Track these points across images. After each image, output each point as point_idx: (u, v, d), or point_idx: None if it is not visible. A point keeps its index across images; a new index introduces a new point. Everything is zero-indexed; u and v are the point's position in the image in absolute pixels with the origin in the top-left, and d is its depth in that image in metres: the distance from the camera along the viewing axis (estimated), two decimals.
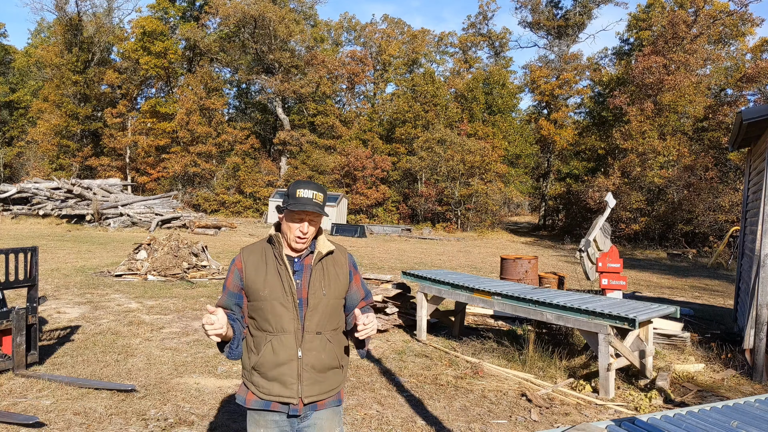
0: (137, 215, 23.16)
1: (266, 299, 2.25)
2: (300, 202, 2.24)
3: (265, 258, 2.32)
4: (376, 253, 18.38)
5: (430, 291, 6.86)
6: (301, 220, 2.26)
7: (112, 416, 4.21)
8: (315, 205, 2.24)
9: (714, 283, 14.80)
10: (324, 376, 2.30)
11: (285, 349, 2.24)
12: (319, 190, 2.30)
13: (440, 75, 44.08)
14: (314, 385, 2.27)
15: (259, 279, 2.28)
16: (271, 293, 2.25)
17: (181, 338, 6.58)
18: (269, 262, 2.30)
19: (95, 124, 37.81)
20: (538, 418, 4.54)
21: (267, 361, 2.25)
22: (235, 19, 36.31)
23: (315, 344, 2.27)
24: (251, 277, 2.29)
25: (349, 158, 34.12)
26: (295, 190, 2.27)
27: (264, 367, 2.25)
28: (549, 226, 39.10)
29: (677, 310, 5.69)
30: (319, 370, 2.28)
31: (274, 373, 2.24)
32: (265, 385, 2.26)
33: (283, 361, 2.24)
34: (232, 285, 2.32)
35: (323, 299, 2.29)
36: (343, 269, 2.40)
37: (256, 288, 2.27)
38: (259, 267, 2.30)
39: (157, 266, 10.97)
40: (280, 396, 2.25)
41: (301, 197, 2.25)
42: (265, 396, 2.26)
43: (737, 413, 2.57)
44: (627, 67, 33.62)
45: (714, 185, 24.80)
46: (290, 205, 2.25)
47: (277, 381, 2.24)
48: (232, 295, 2.32)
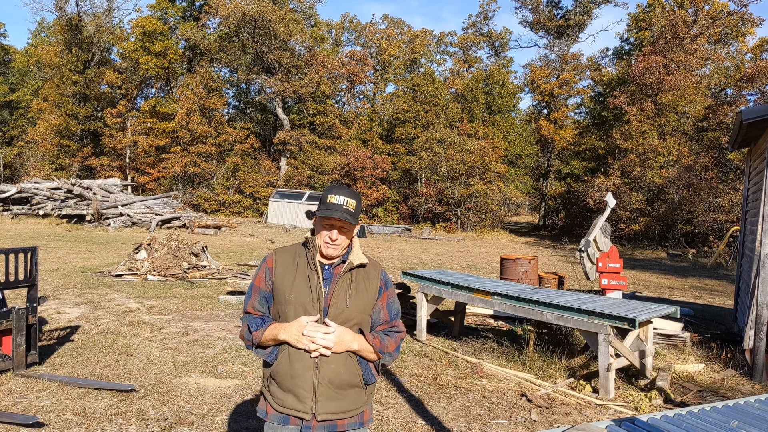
0: (137, 215, 23.16)
1: (292, 303, 2.18)
2: (329, 208, 2.17)
3: (296, 261, 2.25)
4: (376, 253, 18.38)
5: (430, 291, 6.86)
6: (330, 227, 2.19)
7: (112, 416, 4.21)
8: (344, 212, 2.15)
9: (714, 283, 14.80)
10: (343, 393, 2.15)
11: (301, 358, 2.12)
12: (351, 196, 2.20)
13: (440, 75, 44.11)
14: (330, 402, 2.13)
15: (287, 281, 2.21)
16: (297, 297, 2.18)
17: (181, 338, 6.58)
18: (300, 266, 2.23)
19: (95, 124, 37.81)
20: (538, 418, 4.54)
21: (282, 370, 2.14)
22: (235, 19, 36.31)
23: (335, 357, 2.13)
24: (280, 277, 2.23)
25: (349, 158, 34.12)
26: (327, 195, 2.20)
27: (280, 376, 2.15)
28: (549, 226, 39.11)
29: (677, 310, 5.69)
30: (338, 386, 2.14)
31: (289, 384, 2.13)
32: (280, 396, 2.16)
33: (299, 372, 2.12)
34: (263, 284, 2.26)
35: (345, 310, 2.17)
36: (373, 284, 2.26)
37: (284, 290, 2.20)
38: (289, 268, 2.23)
39: (157, 266, 10.97)
40: (294, 409, 2.13)
41: (332, 203, 2.18)
42: (280, 408, 2.16)
43: (737, 413, 2.57)
44: (627, 67, 33.63)
45: (714, 185, 24.79)
46: (320, 210, 2.19)
47: (291, 393, 2.13)
48: (263, 294, 2.25)
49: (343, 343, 2.12)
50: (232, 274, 11.43)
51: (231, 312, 8.18)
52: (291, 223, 27.87)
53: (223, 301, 8.83)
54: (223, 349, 6.15)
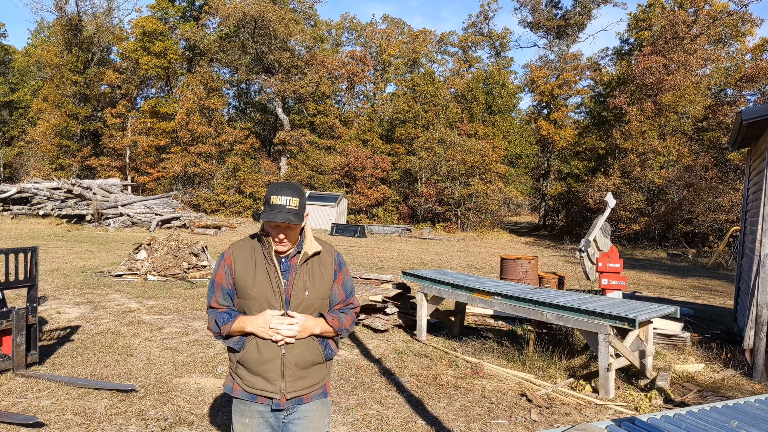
0: (137, 215, 23.16)
1: (255, 298, 2.28)
2: (274, 210, 2.21)
3: (254, 256, 2.33)
4: (376, 253, 18.37)
5: (430, 291, 6.86)
6: (276, 228, 2.25)
7: (112, 416, 4.21)
8: (287, 214, 2.20)
9: (714, 283, 14.80)
10: (307, 372, 2.34)
11: (269, 346, 2.26)
12: (294, 194, 2.25)
13: (440, 75, 44.12)
14: (297, 381, 2.31)
15: (248, 277, 2.30)
16: (260, 292, 2.28)
17: (181, 338, 6.58)
18: (258, 261, 2.31)
19: (95, 124, 37.81)
20: (538, 418, 4.54)
21: (251, 357, 2.28)
22: (235, 19, 36.31)
23: (299, 343, 2.29)
24: (240, 274, 2.31)
25: (349, 158, 34.12)
26: (270, 196, 2.23)
27: (248, 362, 2.29)
28: (549, 226, 39.11)
29: (677, 310, 5.69)
30: (303, 367, 2.31)
31: (258, 369, 2.28)
32: (249, 379, 2.30)
33: (267, 358, 2.26)
34: (224, 281, 2.34)
35: (305, 300, 2.30)
36: (328, 269, 2.39)
37: (246, 286, 2.29)
38: (248, 264, 2.31)
39: (157, 266, 10.97)
40: (264, 390, 2.29)
41: (275, 204, 2.22)
42: (248, 389, 2.31)
43: (737, 413, 2.57)
44: (627, 67, 33.64)
45: (714, 185, 24.80)
46: (264, 213, 2.21)
47: (260, 376, 2.28)
48: (225, 290, 2.34)
49: (306, 330, 2.28)
50: None
51: None
52: None
53: None
54: (223, 349, 6.16)
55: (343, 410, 4.55)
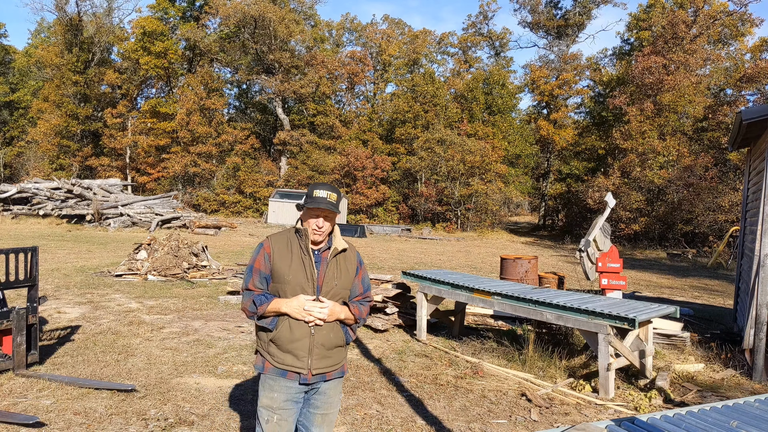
0: (137, 215, 23.16)
1: (290, 283, 2.61)
2: (316, 201, 2.62)
3: (290, 247, 2.68)
4: (376, 253, 18.38)
5: (430, 291, 6.86)
6: (317, 216, 2.64)
7: (112, 416, 4.22)
8: (328, 204, 2.62)
9: (714, 283, 14.80)
10: (331, 352, 2.67)
11: (300, 327, 2.59)
12: (332, 190, 2.67)
13: (440, 75, 44.11)
14: (322, 360, 2.63)
15: (284, 264, 2.64)
16: (295, 278, 2.62)
17: (181, 338, 6.58)
18: (294, 251, 2.66)
19: (95, 124, 37.81)
20: (538, 418, 4.54)
21: (283, 335, 2.60)
22: (235, 20, 36.31)
23: (325, 325, 2.63)
24: (278, 261, 2.65)
25: (349, 158, 34.12)
26: (313, 190, 2.66)
27: (280, 340, 2.61)
28: (549, 226, 39.11)
29: (677, 310, 5.69)
30: (328, 348, 2.64)
31: (289, 347, 2.60)
32: (279, 356, 2.62)
33: (298, 337, 2.59)
34: (262, 266, 2.68)
35: (334, 288, 2.67)
36: (352, 265, 2.78)
37: (282, 272, 2.63)
38: (285, 254, 2.66)
39: (157, 266, 10.97)
40: (293, 366, 2.60)
41: (317, 196, 2.63)
42: (279, 365, 2.62)
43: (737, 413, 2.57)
44: (627, 67, 33.63)
45: (714, 185, 24.80)
46: (308, 203, 2.63)
47: (290, 353, 2.60)
48: (263, 275, 2.68)
49: (333, 315, 2.63)
50: (232, 274, 11.43)
51: (231, 312, 8.18)
52: (291, 223, 27.78)
53: (224, 301, 8.83)
54: (223, 349, 6.16)
55: (343, 410, 4.55)
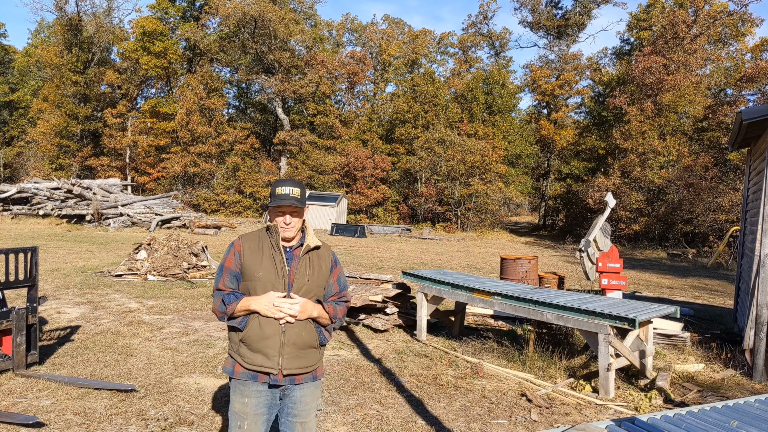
0: (137, 215, 23.16)
1: (260, 280, 2.54)
2: (279, 198, 2.57)
3: (261, 244, 2.62)
4: (376, 253, 18.37)
5: (430, 291, 6.86)
6: (282, 213, 2.59)
7: (112, 416, 4.21)
8: (292, 199, 2.56)
9: (714, 283, 14.80)
10: (303, 352, 2.57)
11: (270, 324, 2.50)
12: (295, 185, 2.63)
13: (440, 75, 44.11)
14: (294, 360, 2.53)
15: (255, 261, 2.57)
16: (265, 275, 2.55)
17: (181, 338, 6.58)
18: (265, 249, 2.60)
19: (95, 124, 37.80)
20: (538, 418, 4.54)
21: (253, 334, 2.51)
22: (235, 19, 36.30)
23: (297, 323, 2.54)
24: (248, 259, 2.59)
25: (349, 158, 34.12)
26: (275, 188, 2.62)
27: (250, 339, 2.52)
28: (549, 226, 39.11)
29: (677, 310, 5.68)
30: (300, 347, 2.55)
31: (259, 345, 2.51)
32: (249, 356, 2.52)
33: (268, 335, 2.50)
34: (233, 264, 2.62)
35: (306, 284, 2.59)
36: (325, 262, 2.69)
37: (253, 269, 2.56)
38: (255, 251, 2.60)
39: (157, 266, 10.97)
40: (263, 366, 2.50)
41: (280, 194, 2.58)
42: (249, 366, 2.52)
43: (737, 413, 2.57)
44: (627, 67, 33.63)
45: (714, 185, 24.80)
46: (272, 201, 2.59)
47: (260, 353, 2.51)
48: (233, 273, 2.61)
49: (305, 311, 2.54)
50: None
51: None
52: None
53: None
54: (223, 349, 6.16)
55: (343, 410, 4.55)
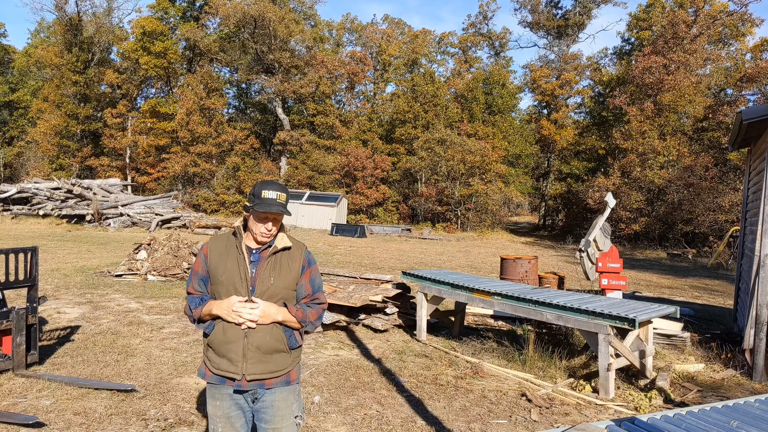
0: (137, 215, 23.16)
1: (223, 283, 2.50)
2: (266, 203, 2.45)
3: (227, 248, 2.57)
4: (376, 253, 18.37)
5: (430, 291, 6.86)
6: (266, 219, 2.49)
7: (112, 416, 4.21)
8: (279, 206, 2.47)
9: (714, 283, 14.80)
10: (269, 357, 2.49)
11: (233, 328, 2.45)
12: (282, 190, 2.52)
13: (440, 75, 44.09)
14: (258, 365, 2.47)
15: (220, 265, 2.53)
16: (228, 278, 2.50)
17: (181, 338, 6.58)
18: (231, 252, 2.55)
19: (95, 125, 37.79)
20: (538, 418, 4.54)
21: (217, 338, 2.48)
22: (235, 19, 36.29)
23: (261, 327, 2.46)
24: (214, 262, 2.55)
25: (349, 158, 34.11)
26: (261, 191, 2.49)
27: (214, 344, 2.50)
28: (549, 226, 39.11)
29: (677, 310, 5.68)
30: (265, 352, 2.48)
31: (223, 350, 2.48)
32: (216, 360, 2.51)
33: (231, 339, 2.46)
34: (200, 269, 2.59)
35: (270, 287, 2.50)
36: (296, 263, 2.58)
37: (217, 272, 2.53)
38: (222, 254, 2.55)
39: (157, 266, 10.97)
40: (227, 371, 2.47)
41: (266, 198, 2.47)
42: (215, 370, 2.51)
43: (737, 413, 2.57)
44: (627, 67, 33.63)
45: (714, 185, 24.79)
46: (256, 205, 2.45)
47: (225, 357, 2.48)
48: (201, 277, 2.59)
49: (268, 316, 2.46)
50: None
51: None
52: (291, 223, 27.86)
53: None
54: None
55: (343, 410, 4.55)
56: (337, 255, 16.71)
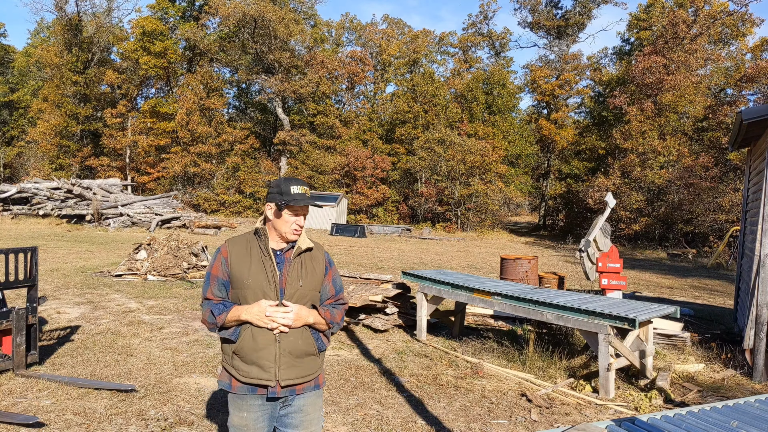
0: (137, 215, 23.16)
1: (250, 287, 2.39)
2: (296, 198, 2.43)
3: (249, 249, 2.47)
4: (376, 253, 18.37)
5: (430, 291, 6.86)
6: (297, 214, 2.47)
7: (112, 416, 4.21)
8: (309, 200, 2.48)
9: (714, 283, 14.80)
10: (301, 361, 2.43)
11: (264, 334, 2.36)
12: (306, 185, 2.52)
13: (440, 75, 44.11)
14: (291, 369, 2.40)
15: (243, 268, 2.42)
16: (255, 282, 2.40)
17: (181, 338, 6.58)
18: (253, 253, 2.45)
19: (95, 124, 37.80)
20: (538, 418, 4.54)
21: (246, 345, 2.37)
22: (234, 19, 36.30)
23: (292, 331, 2.40)
24: (236, 265, 2.44)
25: (349, 158, 34.11)
26: (288, 187, 2.46)
27: (243, 351, 2.38)
28: (549, 226, 39.11)
29: (677, 310, 5.68)
30: (296, 356, 2.41)
31: (253, 357, 2.37)
32: (244, 369, 2.39)
33: (262, 346, 2.36)
34: (220, 272, 2.46)
35: (299, 289, 2.44)
36: (319, 264, 2.55)
37: (241, 276, 2.41)
38: (244, 257, 2.45)
39: (157, 266, 10.97)
40: (259, 378, 2.37)
41: (297, 193, 2.45)
42: (244, 379, 2.39)
43: (737, 413, 2.57)
44: (627, 67, 33.63)
45: (714, 185, 24.79)
46: (289, 201, 2.42)
47: (255, 365, 2.37)
48: (221, 282, 2.46)
49: (300, 319, 2.40)
50: None
51: None
52: None
53: None
54: None
55: (343, 410, 4.55)
56: (337, 255, 16.71)
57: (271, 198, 2.47)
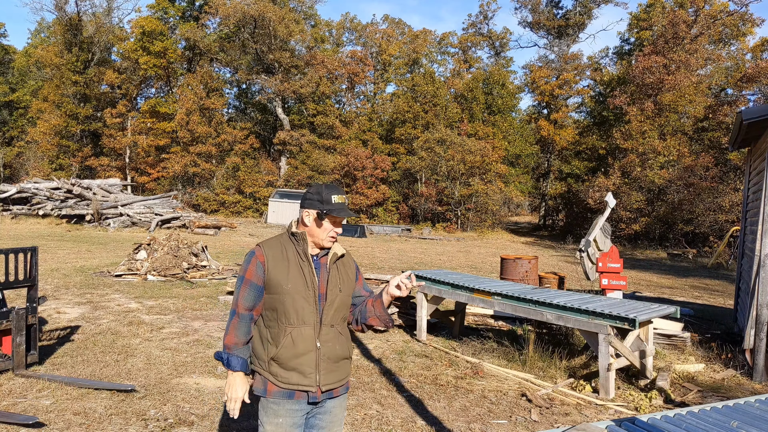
0: (137, 215, 23.15)
1: (289, 293, 2.38)
2: (338, 208, 2.46)
3: (285, 253, 2.45)
4: (376, 253, 18.37)
5: (430, 291, 6.86)
6: (335, 223, 2.50)
7: (112, 416, 4.21)
8: (350, 211, 2.54)
9: (714, 283, 14.80)
10: (337, 365, 2.46)
11: (304, 340, 2.38)
12: (344, 194, 2.56)
13: (440, 75, 44.08)
14: (330, 374, 2.43)
15: (281, 273, 2.40)
16: (294, 287, 2.38)
17: (181, 338, 6.58)
18: (290, 258, 2.44)
19: (95, 124, 37.79)
20: (538, 419, 4.54)
21: (287, 352, 2.36)
22: (234, 19, 36.29)
23: (330, 336, 2.44)
24: (274, 270, 2.40)
25: (349, 158, 34.10)
26: (330, 196, 2.46)
27: (283, 357, 2.37)
28: (549, 226, 39.11)
29: (677, 310, 5.68)
30: (334, 360, 2.44)
31: (294, 363, 2.36)
32: (283, 375, 2.37)
33: (302, 351, 2.37)
34: (255, 277, 2.41)
35: (339, 295, 2.48)
36: (351, 270, 2.62)
37: (279, 281, 2.39)
38: (280, 261, 2.42)
39: (157, 266, 10.96)
40: (299, 385, 2.37)
41: (338, 203, 2.47)
42: (284, 385, 2.37)
43: (737, 413, 2.57)
44: (627, 67, 33.62)
45: (714, 185, 24.79)
46: (331, 211, 2.43)
47: (295, 371, 2.37)
48: (255, 288, 2.41)
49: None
50: (232, 274, 11.43)
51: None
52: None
53: (223, 301, 8.83)
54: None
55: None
56: None
57: (310, 205, 2.46)
